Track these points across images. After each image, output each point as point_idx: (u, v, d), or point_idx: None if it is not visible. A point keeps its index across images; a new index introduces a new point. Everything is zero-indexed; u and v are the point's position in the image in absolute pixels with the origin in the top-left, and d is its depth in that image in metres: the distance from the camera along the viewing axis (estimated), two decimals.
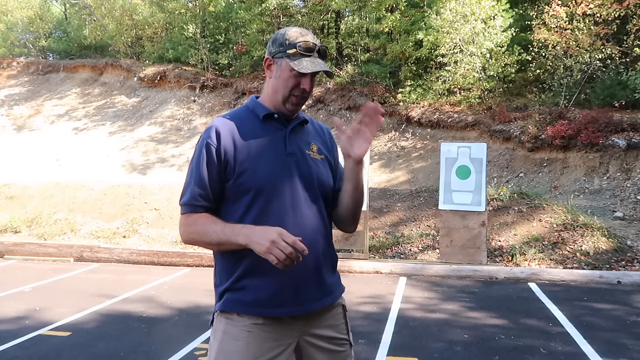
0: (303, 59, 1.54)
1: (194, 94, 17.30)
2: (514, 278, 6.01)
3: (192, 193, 1.54)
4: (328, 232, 1.64)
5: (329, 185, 1.65)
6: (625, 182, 9.01)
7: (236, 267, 1.52)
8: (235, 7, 18.26)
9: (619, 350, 3.78)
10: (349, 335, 1.69)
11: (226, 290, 1.54)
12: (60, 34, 24.20)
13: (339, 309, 1.68)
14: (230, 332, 1.52)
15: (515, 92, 12.91)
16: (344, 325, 1.68)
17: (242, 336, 1.50)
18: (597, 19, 11.04)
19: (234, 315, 1.52)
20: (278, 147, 1.57)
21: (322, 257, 1.59)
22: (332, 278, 1.65)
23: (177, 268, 6.82)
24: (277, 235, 1.37)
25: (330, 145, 1.73)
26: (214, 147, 1.52)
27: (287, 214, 1.52)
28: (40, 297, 5.37)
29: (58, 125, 17.27)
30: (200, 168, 1.53)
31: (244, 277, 1.51)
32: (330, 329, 1.63)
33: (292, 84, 1.56)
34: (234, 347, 1.50)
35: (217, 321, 1.57)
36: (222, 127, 1.56)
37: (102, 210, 9.33)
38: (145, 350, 3.86)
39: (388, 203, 8.59)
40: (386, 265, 6.46)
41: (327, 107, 15.02)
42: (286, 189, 1.53)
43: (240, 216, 1.52)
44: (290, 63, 1.54)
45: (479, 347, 3.89)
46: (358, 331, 4.24)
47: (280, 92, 1.57)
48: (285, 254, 1.36)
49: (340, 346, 1.64)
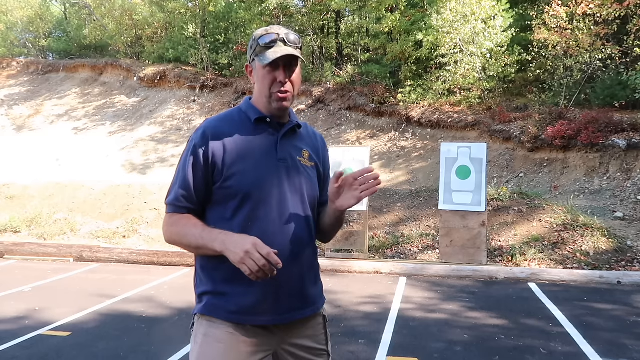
0: (267, 52, 1.50)
1: (194, 93, 17.30)
2: (514, 278, 6.01)
3: (176, 194, 1.53)
4: (313, 242, 1.63)
5: (316, 194, 1.64)
6: (626, 182, 9.01)
7: (217, 270, 1.50)
8: (235, 7, 18.25)
9: (619, 351, 3.78)
10: (327, 346, 1.67)
11: (206, 293, 1.53)
12: (60, 33, 24.19)
13: (320, 319, 1.66)
14: (211, 334, 1.50)
15: (515, 92, 12.91)
16: (323, 336, 1.66)
17: (223, 339, 1.49)
18: (597, 19, 11.03)
19: (215, 318, 1.52)
20: (269, 152, 1.55)
21: (305, 267, 1.58)
22: (314, 289, 1.64)
23: (177, 268, 6.81)
24: (251, 246, 1.35)
25: (322, 153, 1.71)
26: (202, 150, 1.51)
27: (273, 222, 1.50)
28: (40, 297, 5.37)
29: (58, 125, 17.26)
30: (186, 170, 1.52)
31: (224, 282, 1.50)
32: (309, 339, 1.62)
33: (269, 80, 1.52)
34: (216, 349, 1.49)
35: (197, 324, 1.55)
36: (212, 128, 1.54)
37: (102, 210, 9.33)
38: (145, 350, 3.86)
39: (388, 203, 8.59)
40: (386, 265, 6.46)
41: (327, 107, 15.02)
42: (274, 195, 1.52)
43: (226, 220, 1.50)
44: (258, 61, 1.53)
45: (479, 347, 3.89)
46: (358, 331, 4.24)
47: (262, 92, 1.55)
48: (258, 265, 1.34)
49: (318, 357, 1.63)
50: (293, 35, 1.54)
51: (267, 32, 1.52)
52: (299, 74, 1.57)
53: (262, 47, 1.51)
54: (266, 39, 1.51)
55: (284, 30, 1.54)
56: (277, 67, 1.51)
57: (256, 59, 1.54)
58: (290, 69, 1.53)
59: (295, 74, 1.55)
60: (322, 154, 1.72)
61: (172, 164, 14.06)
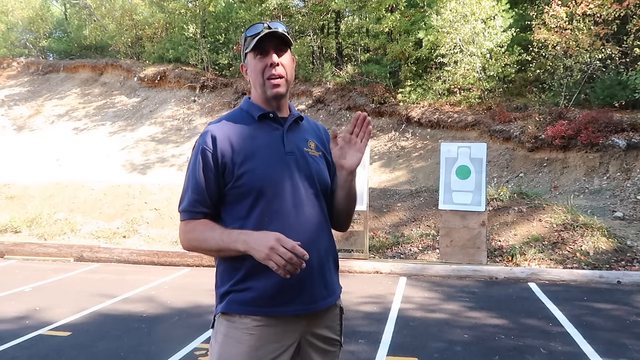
0: (253, 41, 1.54)
1: (194, 94, 17.31)
2: (514, 278, 6.01)
3: (189, 200, 1.53)
4: (330, 230, 1.64)
5: (328, 182, 1.65)
6: (625, 182, 9.01)
7: (239, 268, 1.50)
8: (235, 7, 18.26)
9: (619, 350, 3.78)
10: (341, 337, 1.70)
11: (228, 292, 1.52)
12: (61, 34, 24.21)
13: (337, 310, 1.68)
14: (231, 334, 1.49)
15: (515, 92, 12.92)
16: (339, 326, 1.68)
17: (244, 339, 1.48)
18: (597, 19, 11.04)
19: (236, 317, 1.50)
20: (276, 146, 1.55)
21: (325, 256, 1.58)
22: (334, 276, 1.65)
23: (177, 268, 6.82)
24: (275, 242, 1.36)
25: (326, 141, 1.72)
26: (210, 152, 1.51)
27: (289, 214, 1.50)
28: (41, 297, 5.37)
29: (58, 125, 17.27)
30: (197, 174, 1.52)
31: (247, 278, 1.49)
32: (328, 329, 1.63)
33: (260, 68, 1.55)
34: (236, 349, 1.48)
35: (218, 323, 1.55)
36: (217, 130, 1.54)
37: (102, 210, 9.33)
38: (145, 350, 3.86)
39: (388, 203, 8.59)
40: (386, 265, 6.46)
41: (327, 107, 15.02)
42: (287, 188, 1.52)
43: (242, 218, 1.50)
44: (249, 52, 1.57)
45: (479, 347, 3.89)
46: (358, 331, 4.24)
47: (257, 83, 1.58)
48: (285, 259, 1.34)
49: (332, 346, 1.65)
50: (278, 24, 1.57)
51: (252, 25, 1.58)
52: (290, 58, 1.60)
53: (250, 37, 1.55)
54: (253, 30, 1.56)
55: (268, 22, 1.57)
56: (267, 53, 1.54)
57: (247, 52, 1.58)
58: (281, 53, 1.56)
59: (286, 57, 1.58)
60: (327, 143, 1.72)
61: (172, 164, 14.08)
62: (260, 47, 1.54)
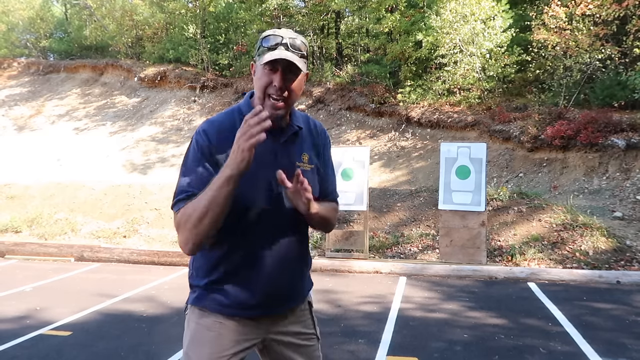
0: (267, 53, 1.47)
1: (195, 94, 17.32)
2: (513, 278, 6.02)
3: (181, 185, 1.50)
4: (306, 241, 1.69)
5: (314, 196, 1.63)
6: (625, 182, 9.02)
7: (215, 268, 1.57)
8: (235, 7, 18.28)
9: (618, 350, 3.79)
10: (316, 329, 1.74)
11: (201, 287, 1.61)
12: (61, 34, 24.21)
13: (305, 305, 1.73)
14: (203, 323, 1.59)
15: (514, 92, 12.92)
16: (310, 320, 1.73)
17: (214, 327, 1.58)
18: (597, 19, 11.05)
19: (208, 311, 1.60)
20: (269, 161, 1.53)
21: (297, 268, 1.66)
22: (304, 282, 1.72)
23: (177, 268, 6.83)
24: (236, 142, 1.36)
25: (322, 150, 1.71)
26: (205, 144, 1.51)
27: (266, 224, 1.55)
28: (41, 297, 5.38)
29: (59, 125, 17.29)
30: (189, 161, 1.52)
31: (220, 281, 1.57)
32: (298, 324, 1.69)
33: (265, 81, 1.49)
34: (206, 336, 1.58)
35: (190, 311, 1.64)
36: (211, 128, 1.55)
37: (102, 210, 9.34)
38: (145, 350, 3.87)
39: (388, 203, 8.60)
40: (386, 265, 6.47)
41: (327, 107, 15.04)
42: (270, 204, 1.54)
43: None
44: (258, 60, 1.51)
45: (479, 346, 3.90)
46: (358, 331, 4.25)
47: (259, 92, 1.53)
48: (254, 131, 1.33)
49: (307, 340, 1.70)
50: (299, 41, 1.50)
51: (272, 34, 1.50)
52: (300, 82, 1.53)
53: (265, 47, 1.49)
54: (270, 41, 1.49)
55: (291, 34, 1.50)
56: (276, 70, 1.48)
57: (257, 58, 1.53)
58: (290, 76, 1.49)
59: (296, 82, 1.51)
60: (323, 152, 1.72)
61: (172, 164, 14.08)
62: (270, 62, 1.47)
